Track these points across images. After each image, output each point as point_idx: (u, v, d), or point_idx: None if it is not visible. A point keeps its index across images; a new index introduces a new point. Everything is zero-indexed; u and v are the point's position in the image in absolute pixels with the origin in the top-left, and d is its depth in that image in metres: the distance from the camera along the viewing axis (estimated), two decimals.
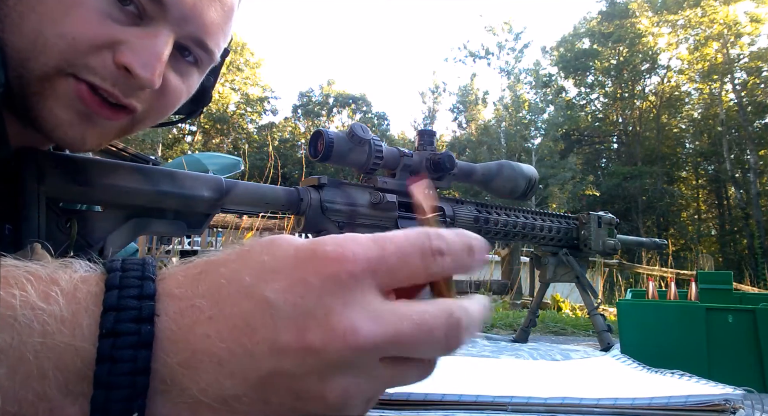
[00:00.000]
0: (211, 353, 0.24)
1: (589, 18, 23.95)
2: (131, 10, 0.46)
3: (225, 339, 0.24)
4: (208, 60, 0.54)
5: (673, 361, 0.56)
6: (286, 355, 0.24)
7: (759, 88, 18.23)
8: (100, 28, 0.44)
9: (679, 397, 0.32)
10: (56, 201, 0.52)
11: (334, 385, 0.25)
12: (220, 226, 3.73)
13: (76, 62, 0.45)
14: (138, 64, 0.45)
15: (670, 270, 6.41)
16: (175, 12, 0.47)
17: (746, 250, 18.48)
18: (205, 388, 0.24)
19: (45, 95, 0.45)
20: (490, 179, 0.90)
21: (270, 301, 0.24)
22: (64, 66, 0.45)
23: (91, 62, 0.45)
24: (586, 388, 0.38)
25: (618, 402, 0.32)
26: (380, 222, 0.76)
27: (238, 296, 0.24)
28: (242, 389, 0.24)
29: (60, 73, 0.45)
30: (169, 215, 0.60)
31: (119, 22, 0.45)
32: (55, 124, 0.46)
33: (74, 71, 0.45)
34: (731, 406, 0.31)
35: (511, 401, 0.33)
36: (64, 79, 0.45)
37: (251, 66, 24.73)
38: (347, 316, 0.24)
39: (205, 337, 0.24)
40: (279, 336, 0.24)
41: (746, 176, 18.98)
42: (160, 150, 20.27)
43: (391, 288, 0.26)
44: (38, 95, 0.45)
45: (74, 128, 0.47)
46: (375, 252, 0.25)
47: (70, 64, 0.45)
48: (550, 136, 21.02)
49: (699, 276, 0.88)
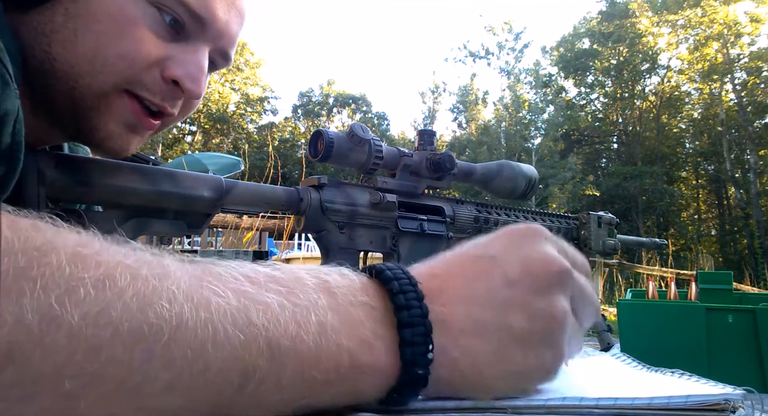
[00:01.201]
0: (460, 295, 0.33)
1: (589, 18, 23.93)
2: (173, 27, 0.50)
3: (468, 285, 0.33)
4: (224, 65, 0.58)
5: (673, 361, 0.56)
6: (516, 284, 0.33)
7: (759, 88, 18.22)
8: (153, 47, 0.48)
9: (679, 397, 0.32)
10: (56, 201, 0.52)
11: (557, 304, 0.33)
12: (220, 226, 3.73)
13: (133, 80, 0.48)
14: (187, 78, 0.50)
15: (670, 270, 6.41)
16: (213, 30, 0.52)
17: (746, 250, 18.48)
18: (462, 321, 0.32)
19: (101, 111, 0.49)
20: (490, 179, 0.90)
21: (494, 256, 0.34)
22: (121, 84, 0.48)
23: (144, 79, 0.49)
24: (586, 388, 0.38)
25: (618, 402, 0.32)
26: (380, 222, 0.76)
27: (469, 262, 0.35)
28: (488, 314, 0.32)
29: (116, 90, 0.48)
30: (169, 215, 0.60)
31: (164, 40, 0.49)
32: (106, 135, 0.50)
33: (130, 88, 0.49)
34: (731, 406, 0.31)
35: (511, 404, 0.33)
36: (119, 95, 0.49)
37: (251, 66, 24.71)
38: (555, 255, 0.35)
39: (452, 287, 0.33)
40: (508, 273, 0.33)
41: (746, 176, 18.97)
42: (160, 150, 20.26)
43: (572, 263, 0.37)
44: (94, 110, 0.48)
45: (123, 139, 0.52)
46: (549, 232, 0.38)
47: (128, 82, 0.48)
48: (550, 136, 21.01)
49: (699, 276, 0.88)
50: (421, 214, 0.82)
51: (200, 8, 0.49)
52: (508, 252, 0.34)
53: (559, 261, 0.34)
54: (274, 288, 0.28)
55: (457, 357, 0.31)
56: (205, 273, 0.27)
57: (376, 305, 0.31)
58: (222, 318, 0.25)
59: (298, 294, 0.29)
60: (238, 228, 3.55)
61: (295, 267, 0.32)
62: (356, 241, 0.74)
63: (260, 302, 0.27)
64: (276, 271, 0.30)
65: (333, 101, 27.71)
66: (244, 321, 0.26)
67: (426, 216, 0.82)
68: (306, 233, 0.72)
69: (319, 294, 0.29)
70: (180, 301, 0.25)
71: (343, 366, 0.28)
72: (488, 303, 0.32)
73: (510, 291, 0.32)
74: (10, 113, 0.38)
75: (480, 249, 0.35)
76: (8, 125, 0.38)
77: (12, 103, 0.38)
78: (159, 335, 0.24)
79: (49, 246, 0.23)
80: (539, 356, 0.33)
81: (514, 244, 0.35)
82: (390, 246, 0.78)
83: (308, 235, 0.72)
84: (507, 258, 0.34)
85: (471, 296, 0.32)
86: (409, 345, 0.30)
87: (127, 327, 0.23)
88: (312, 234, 0.73)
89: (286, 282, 0.29)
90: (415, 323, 0.30)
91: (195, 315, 0.25)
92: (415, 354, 0.30)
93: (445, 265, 0.35)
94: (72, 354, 0.22)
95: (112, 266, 0.24)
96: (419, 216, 0.81)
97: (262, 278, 0.29)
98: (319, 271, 0.32)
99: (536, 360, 0.33)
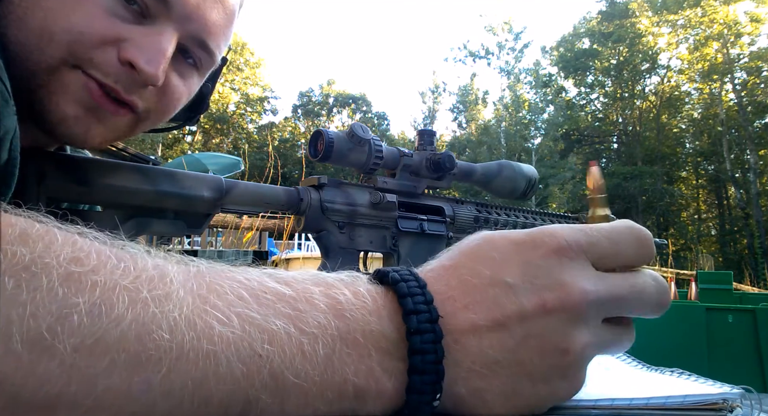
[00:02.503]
0: (473, 330, 0.30)
1: (589, 18, 23.94)
2: (135, 9, 0.47)
3: (482, 318, 0.30)
4: (208, 62, 0.55)
5: (673, 360, 0.56)
6: (532, 319, 0.30)
7: (759, 88, 18.21)
8: (106, 24, 0.46)
9: (676, 397, 0.32)
10: (56, 201, 0.52)
11: (574, 339, 0.30)
12: (220, 226, 3.73)
13: (82, 56, 0.45)
14: (143, 59, 0.47)
15: (670, 270, 6.40)
16: (179, 10, 0.49)
17: (746, 250, 18.47)
18: (473, 359, 0.29)
19: (51, 89, 0.46)
20: (490, 179, 0.90)
21: (510, 284, 0.30)
22: (69, 59, 0.45)
23: (96, 57, 0.46)
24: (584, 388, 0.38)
25: (615, 402, 0.32)
26: (380, 222, 0.76)
27: (483, 286, 0.31)
28: (501, 354, 0.30)
29: (66, 65, 0.45)
30: (169, 215, 0.60)
31: (124, 20, 0.47)
32: (60, 118, 0.47)
33: (80, 64, 0.46)
34: (729, 405, 0.31)
35: None
36: (71, 71, 0.46)
37: (251, 66, 24.72)
38: (575, 281, 0.31)
39: (465, 320, 0.30)
40: (524, 307, 0.30)
41: (746, 176, 18.97)
42: (160, 150, 20.27)
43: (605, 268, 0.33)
44: (44, 88, 0.46)
45: (79, 123, 0.48)
46: (584, 238, 0.32)
47: (76, 58, 0.45)
48: (550, 136, 21.01)
49: (699, 276, 0.88)
50: (421, 214, 0.82)
51: None
52: (525, 280, 0.30)
53: (578, 294, 0.30)
54: (283, 312, 0.27)
55: (464, 395, 0.30)
56: (211, 292, 0.26)
57: (388, 332, 0.29)
58: (225, 349, 0.24)
59: (307, 320, 0.27)
60: (238, 228, 3.55)
61: (307, 278, 0.30)
62: (356, 241, 0.74)
63: (266, 330, 0.26)
64: (286, 289, 0.28)
65: (333, 101, 27.72)
66: (248, 352, 0.25)
67: (426, 216, 0.82)
68: (306, 233, 0.72)
69: (329, 319, 0.28)
70: (182, 330, 0.23)
71: (347, 396, 0.28)
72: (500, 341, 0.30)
73: (523, 328, 0.30)
74: (9, 131, 0.37)
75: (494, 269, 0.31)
76: (6, 142, 0.38)
77: (11, 120, 0.37)
78: (158, 366, 0.23)
79: (39, 265, 0.22)
80: (552, 388, 0.31)
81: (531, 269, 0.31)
82: (390, 246, 0.78)
83: (308, 235, 0.72)
84: (523, 286, 0.30)
85: (482, 330, 0.30)
86: (417, 393, 0.28)
87: (124, 357, 0.22)
88: (312, 234, 0.73)
89: (295, 303, 0.28)
90: (427, 371, 0.28)
91: (197, 345, 0.24)
92: (422, 402, 0.28)
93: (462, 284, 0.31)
94: (66, 385, 0.21)
95: (110, 288, 0.23)
96: (419, 216, 0.81)
97: (270, 297, 0.27)
98: (330, 286, 0.29)
99: (548, 391, 0.31)
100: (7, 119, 0.37)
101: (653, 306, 0.34)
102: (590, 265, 0.32)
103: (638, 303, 0.33)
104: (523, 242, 0.32)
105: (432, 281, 0.31)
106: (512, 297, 0.30)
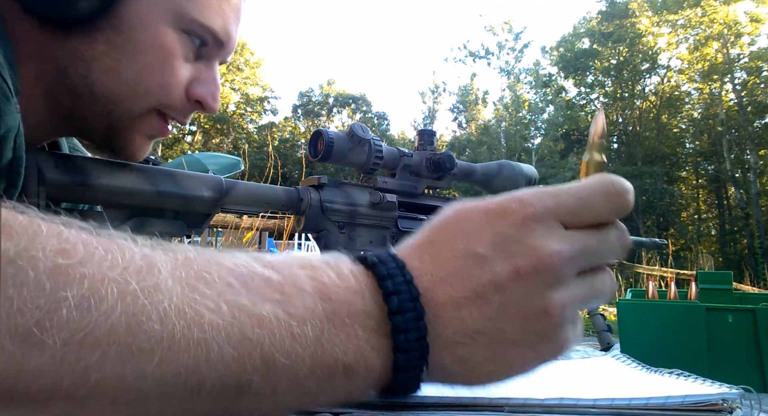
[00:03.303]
0: (452, 302, 0.30)
1: (589, 18, 23.92)
2: (196, 45, 0.53)
3: (459, 290, 0.31)
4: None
5: (673, 361, 0.56)
6: (508, 287, 0.31)
7: (759, 88, 18.20)
8: (185, 73, 0.53)
9: (676, 397, 0.32)
10: (56, 201, 0.52)
11: (552, 301, 0.31)
12: (220, 226, 3.73)
13: (168, 104, 0.53)
14: (209, 97, 0.55)
15: (670, 270, 6.41)
16: (228, 49, 0.56)
17: (746, 250, 18.47)
18: (455, 330, 0.30)
19: (135, 129, 0.53)
20: (490, 179, 0.90)
21: (482, 254, 0.31)
22: (157, 107, 0.53)
23: (176, 103, 0.53)
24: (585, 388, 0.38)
25: (615, 402, 0.32)
26: (380, 222, 0.76)
27: (457, 259, 0.31)
28: (482, 324, 0.30)
29: (152, 111, 0.53)
30: (169, 215, 0.60)
31: (190, 61, 0.53)
32: (132, 150, 0.55)
33: (162, 109, 0.53)
34: (728, 406, 0.31)
35: (509, 402, 0.33)
36: (154, 115, 0.53)
37: (251, 66, 24.71)
38: (545, 244, 0.31)
39: (443, 293, 0.31)
40: (498, 275, 0.31)
41: (746, 176, 18.96)
42: (160, 150, 20.25)
43: (576, 226, 0.34)
44: (128, 130, 0.53)
45: (143, 147, 0.56)
46: (551, 201, 0.33)
47: (162, 106, 0.53)
48: (550, 136, 21.01)
49: (699, 276, 0.88)
50: (421, 214, 0.82)
51: (223, 33, 0.53)
52: (497, 249, 0.31)
53: (549, 256, 0.31)
54: (270, 297, 0.27)
55: (449, 365, 0.31)
56: (199, 280, 0.26)
57: (373, 311, 0.30)
58: (216, 336, 0.25)
59: (295, 303, 0.28)
60: (238, 228, 3.55)
61: (293, 261, 0.30)
62: (356, 241, 0.74)
63: (255, 315, 0.26)
64: (273, 273, 0.29)
65: (333, 101, 27.71)
66: (239, 337, 0.25)
67: (426, 216, 0.82)
68: (306, 233, 0.72)
69: (316, 301, 0.28)
70: (172, 320, 0.24)
71: (338, 375, 0.28)
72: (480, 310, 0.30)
73: (500, 297, 0.30)
74: (12, 129, 0.38)
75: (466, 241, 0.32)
76: (10, 141, 0.38)
77: (13, 118, 0.38)
78: (150, 356, 0.23)
79: (25, 258, 0.21)
80: (537, 351, 0.32)
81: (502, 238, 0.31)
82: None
83: (308, 235, 0.72)
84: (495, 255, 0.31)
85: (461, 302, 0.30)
86: (403, 370, 0.30)
87: (115, 350, 0.22)
88: (312, 234, 0.73)
89: (282, 287, 0.28)
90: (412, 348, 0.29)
91: (187, 334, 0.24)
92: (409, 378, 0.30)
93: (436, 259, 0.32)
94: (59, 378, 0.21)
95: (98, 280, 0.23)
96: (419, 216, 0.81)
97: (258, 282, 0.28)
98: (315, 268, 0.30)
99: (534, 354, 0.32)
100: (8, 117, 0.37)
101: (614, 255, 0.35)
102: (559, 226, 0.33)
103: (608, 255, 0.35)
104: (492, 211, 0.33)
105: (408, 259, 0.32)
106: (486, 266, 0.31)
